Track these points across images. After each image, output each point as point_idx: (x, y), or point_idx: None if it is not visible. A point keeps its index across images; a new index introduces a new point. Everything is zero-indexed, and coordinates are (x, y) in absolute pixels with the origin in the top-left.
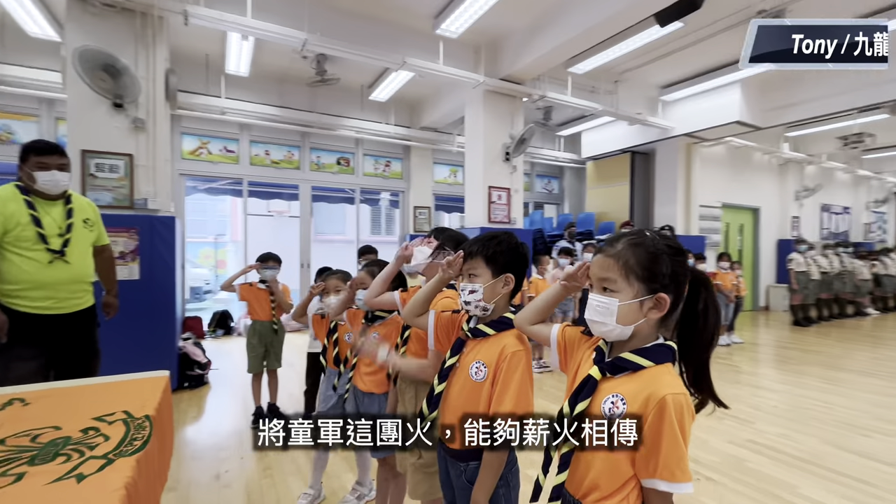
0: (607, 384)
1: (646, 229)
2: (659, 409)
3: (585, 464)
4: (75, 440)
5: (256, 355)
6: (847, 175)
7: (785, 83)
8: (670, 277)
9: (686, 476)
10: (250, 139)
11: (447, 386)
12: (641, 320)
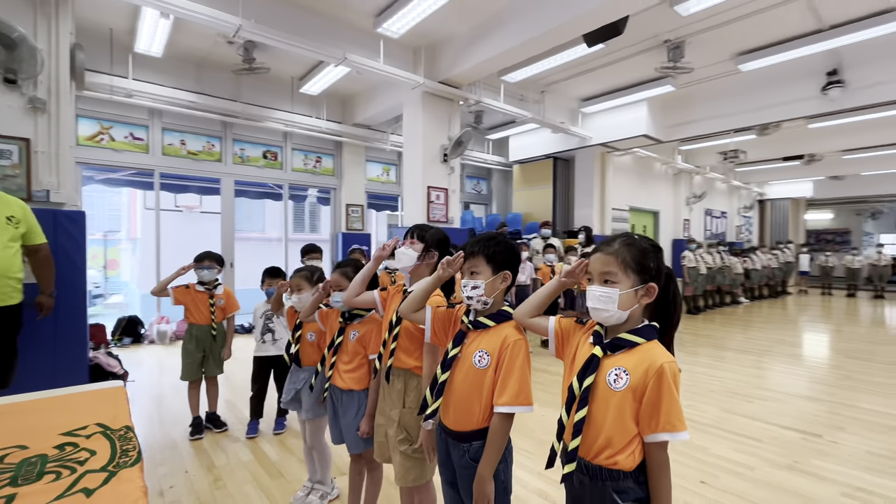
0: (609, 360)
1: (632, 233)
2: (658, 376)
3: (596, 428)
4: (54, 457)
5: (193, 362)
6: (724, 185)
7: (681, 104)
8: (655, 270)
9: (683, 426)
10: (163, 127)
11: (451, 374)
12: (635, 306)
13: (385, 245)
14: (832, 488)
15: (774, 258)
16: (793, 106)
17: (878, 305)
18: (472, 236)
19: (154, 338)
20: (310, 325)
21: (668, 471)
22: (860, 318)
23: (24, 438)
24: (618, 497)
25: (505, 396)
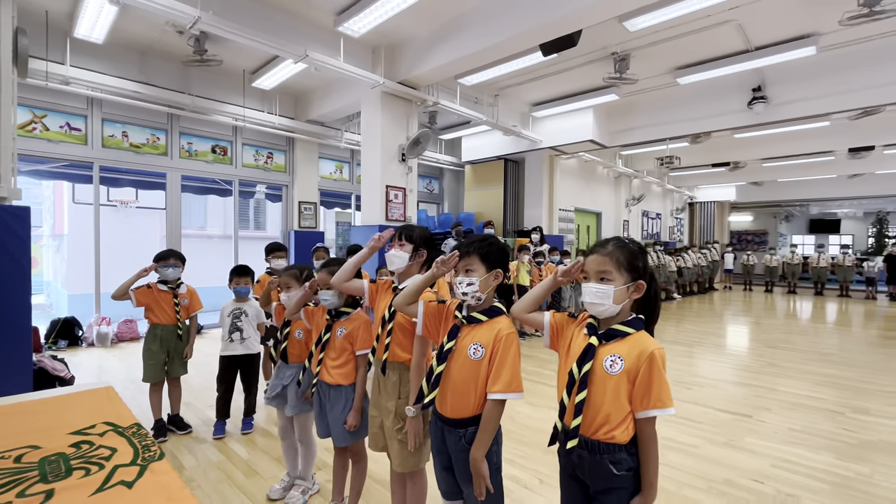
0: (604, 349)
1: (622, 236)
2: (649, 360)
3: (595, 408)
4: (74, 455)
5: (156, 363)
6: (659, 188)
7: (624, 112)
8: (643, 269)
9: (671, 403)
10: (103, 117)
11: (447, 366)
12: (626, 300)
13: (380, 236)
14: (764, 461)
15: (703, 257)
16: (722, 118)
17: (792, 300)
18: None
19: (94, 340)
20: (298, 322)
21: (656, 443)
22: (777, 311)
23: (34, 439)
24: (613, 467)
25: (498, 384)
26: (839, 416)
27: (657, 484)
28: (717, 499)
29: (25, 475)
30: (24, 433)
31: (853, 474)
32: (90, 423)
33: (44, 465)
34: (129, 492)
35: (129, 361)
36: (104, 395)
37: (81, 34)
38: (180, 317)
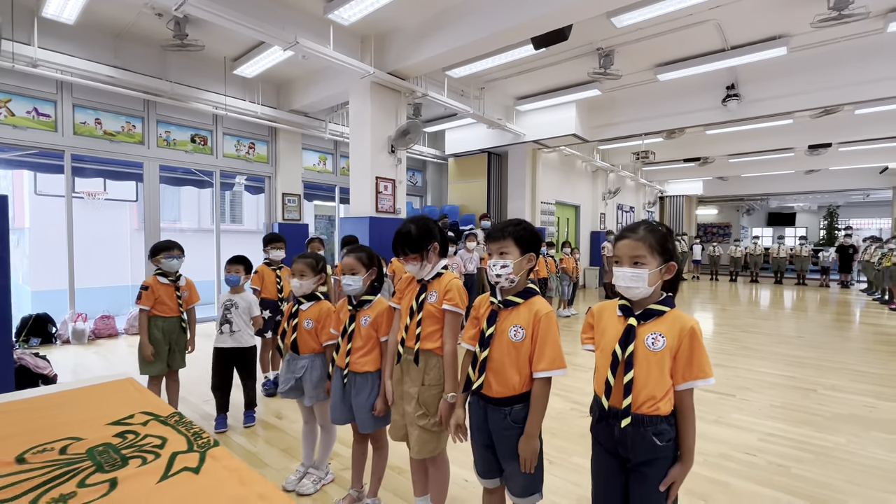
0: (642, 328)
1: (650, 220)
2: (690, 335)
3: (640, 384)
4: (122, 445)
5: (160, 355)
6: (633, 182)
7: (605, 108)
8: (673, 251)
9: (711, 372)
10: (74, 103)
11: (489, 351)
12: (659, 282)
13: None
14: (752, 435)
15: None
16: (698, 114)
17: (754, 288)
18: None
19: (69, 337)
20: (305, 313)
21: (694, 412)
22: (742, 299)
23: (72, 431)
24: (657, 439)
25: (543, 363)
26: (812, 392)
27: (694, 452)
28: (715, 472)
29: (78, 465)
30: (58, 426)
31: (832, 444)
32: (127, 414)
33: (94, 455)
34: (198, 477)
35: (110, 358)
36: (129, 386)
37: (50, 14)
38: (183, 309)
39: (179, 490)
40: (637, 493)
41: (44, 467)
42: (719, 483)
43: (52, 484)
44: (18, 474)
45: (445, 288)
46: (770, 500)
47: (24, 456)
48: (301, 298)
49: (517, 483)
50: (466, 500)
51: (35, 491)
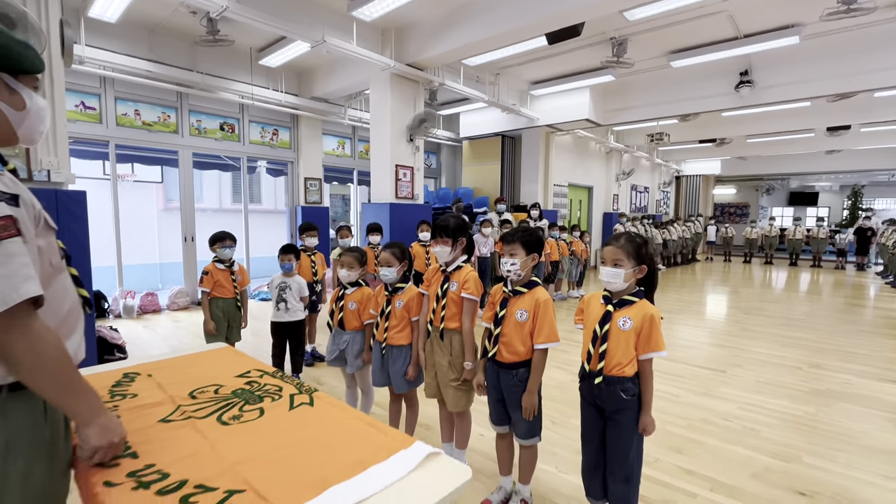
0: (617, 313)
1: (631, 232)
2: (650, 319)
3: (611, 353)
4: (253, 389)
5: (221, 331)
6: (648, 162)
7: (619, 92)
8: (646, 257)
9: (664, 347)
10: (116, 96)
11: (501, 328)
12: (632, 279)
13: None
14: (733, 405)
15: (688, 229)
16: (711, 100)
17: (767, 270)
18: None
19: (120, 312)
20: (350, 297)
21: (652, 376)
22: (753, 281)
23: (214, 380)
24: (623, 394)
25: (541, 337)
26: (798, 370)
27: (652, 405)
28: (694, 433)
29: (231, 400)
30: (200, 377)
31: (802, 413)
32: (245, 370)
33: (239, 395)
34: (313, 408)
35: (158, 331)
36: (233, 352)
37: (95, 14)
38: (238, 290)
39: (304, 415)
40: (611, 434)
41: (210, 401)
42: (695, 441)
43: (223, 408)
44: (197, 403)
45: (464, 279)
46: (737, 454)
47: (193, 393)
48: (346, 284)
49: (521, 428)
50: (481, 449)
51: (215, 413)
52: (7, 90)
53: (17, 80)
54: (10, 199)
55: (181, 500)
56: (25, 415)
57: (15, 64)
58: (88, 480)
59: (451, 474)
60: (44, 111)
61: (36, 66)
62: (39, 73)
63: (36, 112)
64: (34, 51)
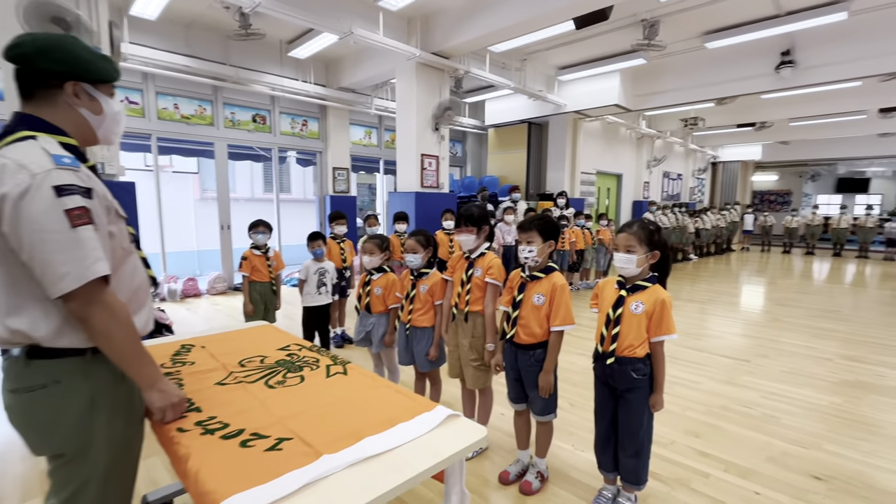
0: (630, 298)
1: (644, 219)
2: (661, 304)
3: (623, 335)
4: (294, 360)
5: (258, 312)
6: (681, 148)
7: (650, 76)
8: (658, 243)
9: (675, 331)
10: (156, 90)
11: (519, 311)
12: (645, 265)
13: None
14: (755, 394)
15: (723, 218)
16: (749, 82)
17: (808, 261)
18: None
19: (165, 295)
20: (376, 282)
21: (664, 359)
22: (790, 272)
23: (258, 352)
24: (634, 373)
25: (557, 320)
26: (828, 362)
27: (664, 387)
28: (712, 418)
29: (275, 369)
30: (246, 349)
31: (827, 403)
32: (285, 344)
33: (282, 364)
34: (347, 377)
35: (200, 313)
36: (274, 329)
37: (137, 12)
38: (273, 275)
39: (340, 383)
40: (622, 411)
41: (257, 369)
42: (712, 426)
43: (269, 375)
44: (246, 370)
45: (488, 265)
46: (754, 439)
47: (242, 362)
48: (372, 270)
49: (538, 405)
50: (501, 426)
51: (262, 379)
52: (87, 97)
53: (96, 88)
54: (85, 192)
55: (241, 443)
56: (106, 375)
57: (94, 75)
58: (163, 428)
59: (468, 433)
60: (119, 115)
61: (112, 76)
62: (115, 82)
63: (112, 116)
64: (111, 62)
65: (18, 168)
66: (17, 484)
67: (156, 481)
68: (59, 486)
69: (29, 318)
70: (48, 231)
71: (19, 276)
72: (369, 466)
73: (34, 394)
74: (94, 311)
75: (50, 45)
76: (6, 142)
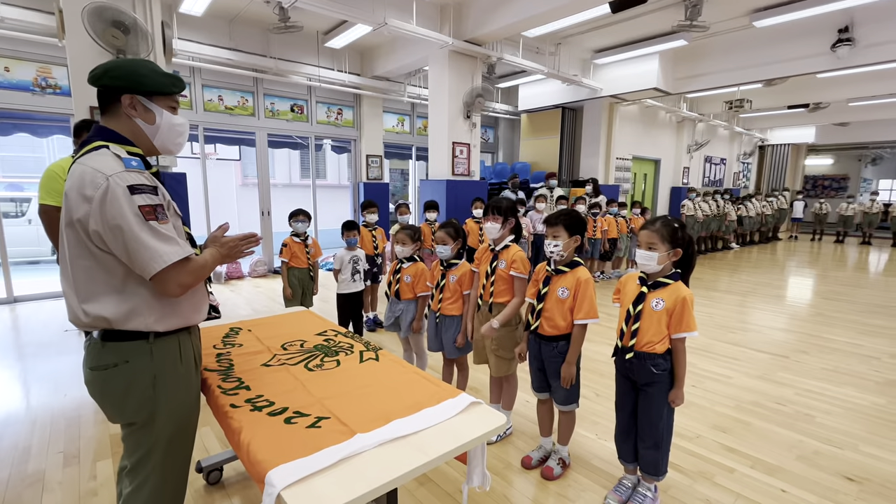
0: (651, 294)
1: (667, 216)
2: (682, 302)
3: (643, 332)
4: (330, 345)
5: (296, 297)
6: (726, 131)
7: (692, 57)
8: (681, 241)
9: (696, 328)
10: (202, 83)
11: (543, 304)
12: (667, 262)
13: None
14: (790, 391)
15: (769, 205)
16: (801, 62)
17: (863, 251)
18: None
19: (210, 277)
20: (406, 270)
21: (685, 354)
22: (842, 263)
23: (298, 336)
24: (653, 368)
25: (581, 314)
26: (873, 360)
27: (685, 381)
28: (741, 413)
29: (314, 353)
30: (288, 333)
31: (868, 404)
32: (322, 329)
33: (319, 349)
34: (378, 363)
35: (243, 294)
36: (312, 315)
37: (185, 10)
38: (311, 261)
39: (372, 367)
40: (642, 404)
41: (297, 352)
42: (741, 421)
43: (309, 358)
44: (288, 353)
45: (512, 258)
46: (785, 437)
47: (284, 345)
48: (403, 259)
49: (560, 395)
50: (525, 413)
51: (303, 362)
52: (143, 108)
53: (152, 100)
54: (153, 189)
55: (285, 420)
56: (167, 355)
57: (147, 87)
58: (218, 403)
59: (489, 419)
60: (179, 126)
61: (166, 88)
62: (175, 95)
63: (168, 127)
64: (172, 77)
65: (95, 172)
66: (91, 444)
67: (208, 449)
68: (131, 450)
69: (103, 304)
70: (129, 225)
71: (95, 269)
72: (397, 446)
73: (108, 371)
74: (186, 275)
75: (113, 65)
76: (84, 151)
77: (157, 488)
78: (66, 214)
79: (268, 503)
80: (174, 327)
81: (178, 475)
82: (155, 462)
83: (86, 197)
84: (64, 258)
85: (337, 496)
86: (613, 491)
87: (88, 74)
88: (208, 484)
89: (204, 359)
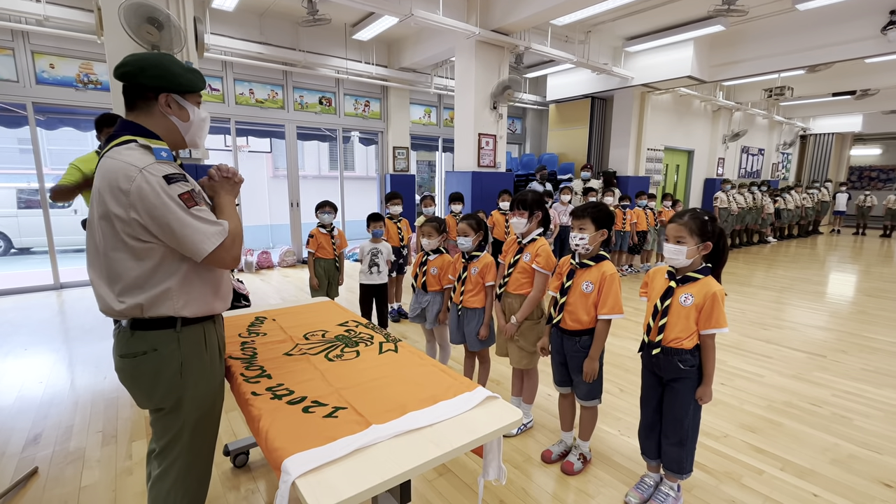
0: (679, 289)
1: (696, 209)
2: (712, 297)
3: (671, 327)
4: (351, 336)
5: (322, 287)
6: (765, 121)
7: (729, 43)
8: (711, 234)
9: (726, 325)
10: (234, 77)
11: (567, 297)
12: (696, 256)
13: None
14: (826, 391)
15: (809, 197)
16: (848, 46)
17: None
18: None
19: (242, 267)
20: (432, 262)
21: (714, 351)
22: (887, 258)
23: (320, 326)
24: (681, 364)
25: (605, 309)
26: None
27: (713, 379)
28: (773, 413)
29: (335, 343)
30: (307, 324)
31: None
32: (344, 320)
33: (340, 339)
34: (397, 354)
35: (273, 284)
36: (334, 305)
37: (216, 5)
38: (336, 252)
39: (391, 358)
40: (668, 400)
41: (319, 342)
42: (772, 422)
43: (329, 348)
44: (310, 343)
45: (536, 252)
46: (819, 439)
47: (306, 335)
48: (429, 251)
49: (582, 390)
50: (547, 407)
51: (323, 352)
52: (178, 106)
53: (185, 98)
54: (184, 177)
55: (303, 409)
56: (193, 343)
57: (183, 87)
58: (240, 390)
59: (504, 414)
60: (204, 122)
61: (197, 86)
62: (201, 91)
63: (198, 123)
64: (198, 74)
65: (128, 166)
66: (127, 425)
67: (236, 433)
68: (160, 434)
69: (136, 292)
70: (175, 214)
71: (129, 259)
72: (412, 438)
73: (137, 359)
74: (235, 257)
75: (148, 63)
76: (113, 145)
77: (183, 470)
78: (99, 207)
79: (283, 490)
80: (200, 313)
81: (204, 458)
82: (182, 446)
83: (122, 190)
84: (96, 250)
85: (350, 486)
86: (635, 488)
87: (114, 70)
88: (235, 467)
89: (229, 347)
